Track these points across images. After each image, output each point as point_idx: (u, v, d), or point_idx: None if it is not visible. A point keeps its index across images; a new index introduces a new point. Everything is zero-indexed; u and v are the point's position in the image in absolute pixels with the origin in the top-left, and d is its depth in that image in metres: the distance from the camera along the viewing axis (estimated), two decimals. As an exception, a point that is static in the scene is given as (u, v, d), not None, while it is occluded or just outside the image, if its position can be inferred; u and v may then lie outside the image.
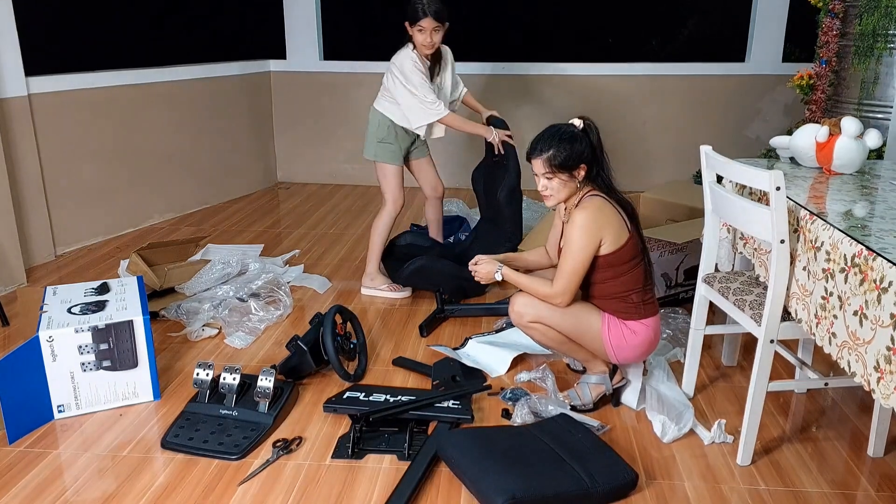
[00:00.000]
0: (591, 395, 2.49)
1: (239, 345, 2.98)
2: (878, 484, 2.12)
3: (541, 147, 2.31)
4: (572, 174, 2.31)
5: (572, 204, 2.38)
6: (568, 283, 2.31)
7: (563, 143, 2.28)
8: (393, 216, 3.53)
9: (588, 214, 2.28)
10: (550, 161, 2.29)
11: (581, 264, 2.29)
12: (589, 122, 2.35)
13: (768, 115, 5.57)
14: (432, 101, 3.26)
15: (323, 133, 5.94)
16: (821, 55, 3.98)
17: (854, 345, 1.75)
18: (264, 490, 2.08)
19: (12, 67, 3.75)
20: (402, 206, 3.56)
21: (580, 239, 2.27)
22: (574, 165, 2.30)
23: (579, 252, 2.28)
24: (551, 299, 2.33)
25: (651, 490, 2.08)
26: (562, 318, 2.36)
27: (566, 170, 2.30)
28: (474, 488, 2.01)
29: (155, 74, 4.74)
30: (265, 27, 5.84)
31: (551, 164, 2.29)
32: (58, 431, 2.38)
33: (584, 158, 2.30)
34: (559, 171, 2.30)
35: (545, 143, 2.30)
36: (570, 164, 2.29)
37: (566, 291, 2.31)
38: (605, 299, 2.39)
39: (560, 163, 2.29)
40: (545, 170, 2.31)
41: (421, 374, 2.76)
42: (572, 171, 2.30)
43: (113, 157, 4.46)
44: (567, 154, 2.28)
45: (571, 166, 2.30)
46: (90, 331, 2.41)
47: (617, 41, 8.30)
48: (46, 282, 3.66)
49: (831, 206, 2.11)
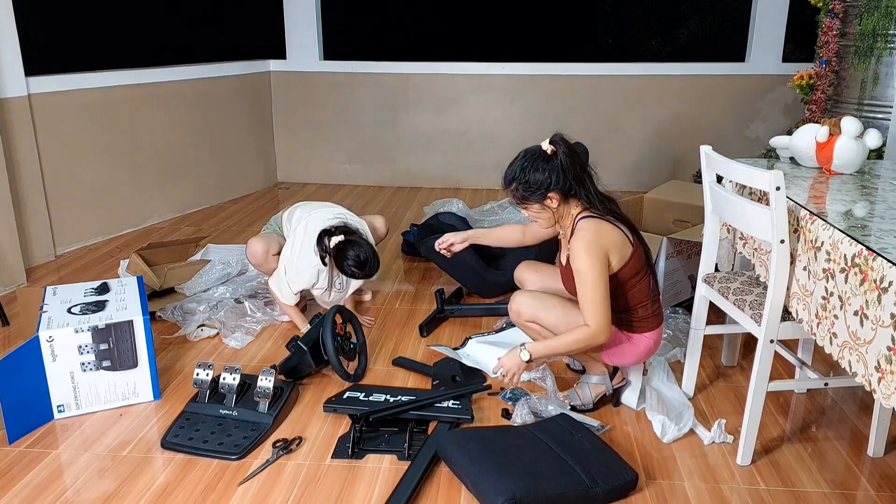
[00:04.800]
0: (590, 395, 2.49)
1: (236, 345, 2.98)
2: (878, 484, 2.12)
3: (506, 179, 2.26)
4: (543, 204, 2.24)
5: (567, 225, 2.31)
6: (597, 313, 2.16)
7: (525, 174, 2.21)
8: None
9: (586, 240, 2.18)
10: (514, 193, 2.25)
11: (602, 290, 2.16)
12: (558, 143, 2.22)
13: (768, 115, 5.57)
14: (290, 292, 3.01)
15: (323, 133, 5.95)
16: (821, 55, 3.98)
17: (855, 345, 1.75)
18: (264, 490, 2.08)
19: (12, 67, 3.75)
20: None
21: (589, 268, 2.15)
22: (541, 195, 2.22)
23: (594, 279, 2.15)
24: (595, 339, 2.18)
25: (651, 490, 2.08)
26: (557, 320, 2.31)
27: (533, 201, 2.24)
28: (474, 488, 2.01)
29: (155, 74, 4.74)
30: (265, 27, 5.84)
31: (515, 196, 2.25)
32: (58, 431, 2.38)
33: (551, 187, 2.20)
34: (526, 202, 2.25)
35: (510, 175, 2.24)
36: (536, 194, 2.22)
37: (601, 322, 2.16)
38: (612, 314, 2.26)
39: (523, 195, 2.23)
40: (515, 201, 2.28)
41: (421, 374, 2.76)
42: (541, 201, 2.23)
43: (113, 157, 4.46)
44: (528, 186, 2.21)
45: (538, 196, 2.22)
46: (90, 331, 2.41)
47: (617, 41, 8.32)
48: (46, 282, 3.66)
49: (831, 206, 2.11)
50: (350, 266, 2.88)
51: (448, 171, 5.93)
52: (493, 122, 5.70)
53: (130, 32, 5.02)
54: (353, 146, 5.96)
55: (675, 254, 3.20)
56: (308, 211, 3.14)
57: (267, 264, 3.13)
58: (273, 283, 3.05)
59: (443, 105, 5.81)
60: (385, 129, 5.89)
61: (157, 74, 4.75)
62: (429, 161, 5.90)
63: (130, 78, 4.54)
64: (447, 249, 2.72)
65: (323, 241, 2.95)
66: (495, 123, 5.71)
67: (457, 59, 5.87)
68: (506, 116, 5.75)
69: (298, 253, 3.00)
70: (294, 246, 3.03)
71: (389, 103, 5.83)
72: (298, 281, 3.00)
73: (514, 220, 4.33)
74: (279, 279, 3.02)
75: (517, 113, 5.75)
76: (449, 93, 5.79)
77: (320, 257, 2.96)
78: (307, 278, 3.00)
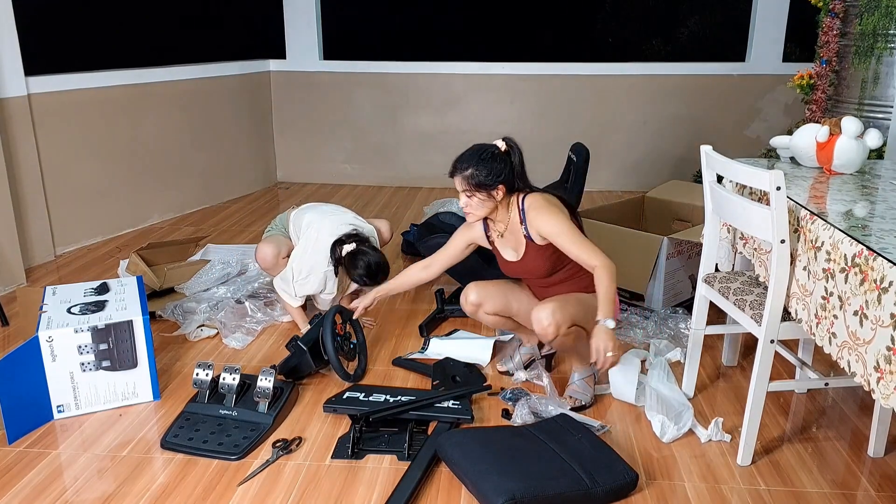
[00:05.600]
0: (589, 389, 2.54)
1: (236, 346, 2.98)
2: (879, 484, 2.12)
3: (461, 165, 2.37)
4: (490, 193, 2.37)
5: (504, 218, 2.46)
6: (593, 251, 2.31)
7: (482, 162, 2.35)
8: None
9: (543, 206, 2.37)
10: (469, 179, 2.36)
11: (580, 233, 2.36)
12: (511, 144, 2.41)
13: (768, 115, 5.57)
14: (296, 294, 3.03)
15: (323, 133, 5.95)
16: (821, 55, 3.97)
17: (854, 345, 1.75)
18: (264, 490, 2.08)
19: (12, 67, 3.75)
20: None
21: (560, 222, 2.34)
22: (492, 185, 2.36)
23: (569, 228, 2.33)
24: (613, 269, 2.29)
25: (651, 490, 2.08)
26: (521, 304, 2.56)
27: (484, 189, 2.36)
28: (474, 488, 2.01)
29: (155, 74, 4.74)
30: (265, 27, 5.84)
31: (469, 182, 2.36)
32: (57, 431, 2.38)
33: (503, 179, 2.36)
34: (477, 189, 2.37)
35: (466, 162, 2.37)
36: (489, 183, 2.35)
37: (601, 255, 2.30)
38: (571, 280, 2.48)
39: (478, 182, 2.35)
40: (465, 187, 2.38)
41: (421, 374, 2.76)
42: (490, 190, 2.37)
43: (113, 157, 4.46)
44: (486, 174, 2.34)
45: (490, 185, 2.36)
46: (90, 331, 2.40)
47: (617, 41, 8.32)
48: (46, 282, 3.66)
49: (832, 206, 2.11)
50: (361, 276, 2.92)
51: (448, 170, 5.93)
52: (493, 122, 5.71)
53: (130, 32, 5.02)
54: (353, 146, 5.96)
55: (676, 254, 3.20)
56: (319, 216, 3.12)
57: (277, 268, 3.13)
58: (279, 284, 3.05)
59: (443, 105, 5.81)
60: (385, 129, 5.89)
61: (156, 74, 4.75)
62: (429, 161, 5.90)
63: (130, 78, 4.54)
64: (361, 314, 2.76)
65: (336, 250, 2.97)
66: (495, 123, 5.71)
67: (457, 59, 5.87)
68: (506, 116, 5.75)
69: (309, 259, 3.01)
70: (305, 251, 3.03)
71: (389, 103, 5.83)
72: (306, 285, 3.01)
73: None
74: (286, 281, 3.01)
75: (517, 113, 5.75)
76: (449, 93, 5.79)
77: (333, 266, 2.99)
78: (315, 284, 3.01)
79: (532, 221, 2.39)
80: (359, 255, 2.92)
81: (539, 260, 2.45)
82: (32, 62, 3.88)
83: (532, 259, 2.45)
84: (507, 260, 2.54)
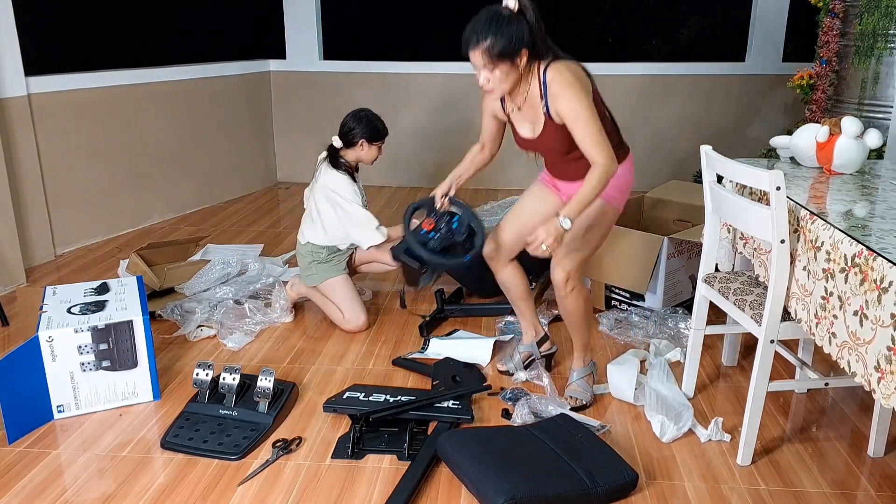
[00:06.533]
0: (589, 388, 2.55)
1: (234, 346, 2.97)
2: (879, 484, 2.12)
3: (477, 37, 2.10)
4: (514, 62, 2.14)
5: (523, 90, 2.24)
6: (601, 146, 2.13)
7: (500, 29, 2.09)
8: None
9: (567, 79, 2.15)
10: (489, 52, 2.10)
11: (597, 122, 2.14)
12: (524, 1, 2.15)
13: (768, 115, 5.57)
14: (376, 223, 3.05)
15: (323, 133, 5.90)
16: (821, 55, 3.97)
17: (854, 345, 1.75)
18: (264, 490, 2.08)
19: (12, 67, 3.75)
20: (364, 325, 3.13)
21: (579, 103, 2.13)
22: (516, 51, 2.12)
23: (589, 114, 2.13)
24: (609, 172, 2.13)
25: (651, 490, 2.08)
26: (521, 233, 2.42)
27: (507, 58, 2.12)
28: (474, 489, 2.01)
29: (155, 74, 4.74)
30: (265, 27, 5.84)
31: (490, 54, 2.10)
32: (57, 431, 2.38)
33: (525, 42, 2.12)
34: (500, 60, 2.12)
35: (482, 33, 2.10)
36: (512, 50, 2.11)
37: (607, 153, 2.13)
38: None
39: (500, 51, 2.10)
40: (484, 61, 2.12)
41: (421, 374, 2.76)
42: (514, 58, 2.13)
43: (113, 157, 4.46)
44: (506, 41, 2.09)
45: (513, 53, 2.12)
46: (90, 331, 2.41)
47: (617, 41, 8.31)
48: (46, 282, 3.66)
49: (831, 206, 2.11)
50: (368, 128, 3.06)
51: (448, 170, 5.92)
52: (493, 122, 5.70)
53: (130, 32, 5.02)
54: (353, 146, 5.96)
55: (676, 254, 3.20)
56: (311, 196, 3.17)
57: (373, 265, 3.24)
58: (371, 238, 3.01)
59: (443, 105, 5.81)
60: (385, 129, 5.88)
61: (156, 74, 4.75)
62: (429, 161, 5.90)
63: (130, 78, 4.54)
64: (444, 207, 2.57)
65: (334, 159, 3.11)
66: (495, 123, 5.71)
67: (457, 59, 5.86)
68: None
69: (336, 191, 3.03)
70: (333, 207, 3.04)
71: (389, 103, 5.83)
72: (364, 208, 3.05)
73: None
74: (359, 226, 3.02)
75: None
76: (449, 93, 5.78)
77: (343, 169, 3.09)
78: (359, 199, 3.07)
79: (554, 98, 2.17)
80: (346, 128, 3.08)
81: (557, 140, 2.26)
82: (32, 62, 3.88)
83: (550, 138, 2.27)
84: (523, 136, 2.35)
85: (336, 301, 3.12)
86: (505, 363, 2.76)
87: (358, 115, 3.11)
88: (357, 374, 2.77)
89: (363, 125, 3.08)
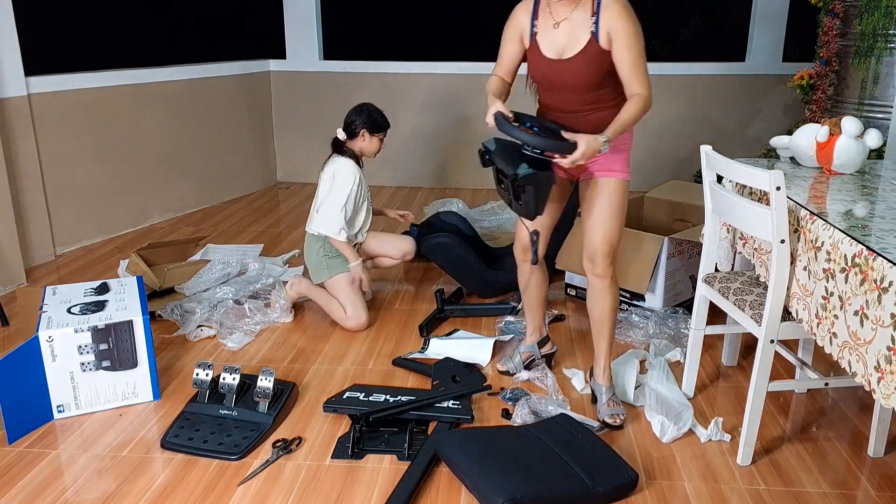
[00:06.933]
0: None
1: (233, 346, 2.97)
2: (879, 484, 2.12)
3: None
4: None
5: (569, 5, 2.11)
6: (646, 77, 2.09)
7: None
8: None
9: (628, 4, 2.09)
10: None
11: (644, 56, 2.09)
12: None
13: (768, 115, 5.57)
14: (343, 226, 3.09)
15: (323, 133, 5.90)
16: (821, 55, 3.98)
17: (855, 345, 1.75)
18: (264, 490, 2.08)
19: (12, 67, 3.75)
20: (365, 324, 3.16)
21: (637, 28, 2.07)
22: None
23: (641, 44, 2.07)
24: (648, 105, 2.11)
25: (651, 490, 2.08)
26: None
27: None
28: (474, 489, 2.01)
29: (155, 74, 4.74)
30: (265, 27, 5.85)
31: None
32: (57, 431, 2.38)
33: None
34: None
35: None
36: None
37: (649, 88, 2.11)
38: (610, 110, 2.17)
39: None
40: None
41: (421, 374, 2.76)
42: None
43: (113, 157, 4.46)
44: None
45: None
46: (90, 331, 2.41)
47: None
48: (46, 282, 3.66)
49: (832, 206, 2.11)
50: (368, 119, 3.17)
51: (448, 170, 5.94)
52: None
53: (130, 32, 5.02)
54: (353, 146, 5.96)
55: (676, 254, 3.20)
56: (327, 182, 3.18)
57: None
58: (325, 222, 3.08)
59: (443, 105, 5.81)
60: (385, 129, 5.89)
61: (156, 74, 4.75)
62: (428, 161, 5.90)
63: (130, 78, 4.54)
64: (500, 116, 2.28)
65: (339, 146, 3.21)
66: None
67: (456, 58, 5.87)
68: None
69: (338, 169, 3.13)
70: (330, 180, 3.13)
71: (389, 103, 5.80)
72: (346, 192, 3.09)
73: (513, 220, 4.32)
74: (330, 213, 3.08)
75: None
76: (449, 93, 5.78)
77: (349, 156, 3.18)
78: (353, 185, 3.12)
79: (612, 18, 2.05)
80: (349, 119, 3.18)
81: (590, 68, 2.10)
82: (32, 62, 3.88)
83: (582, 64, 2.10)
84: (548, 56, 2.16)
85: (341, 298, 3.14)
86: (505, 363, 2.77)
87: (360, 107, 3.24)
88: (357, 374, 2.77)
89: (364, 116, 3.20)
